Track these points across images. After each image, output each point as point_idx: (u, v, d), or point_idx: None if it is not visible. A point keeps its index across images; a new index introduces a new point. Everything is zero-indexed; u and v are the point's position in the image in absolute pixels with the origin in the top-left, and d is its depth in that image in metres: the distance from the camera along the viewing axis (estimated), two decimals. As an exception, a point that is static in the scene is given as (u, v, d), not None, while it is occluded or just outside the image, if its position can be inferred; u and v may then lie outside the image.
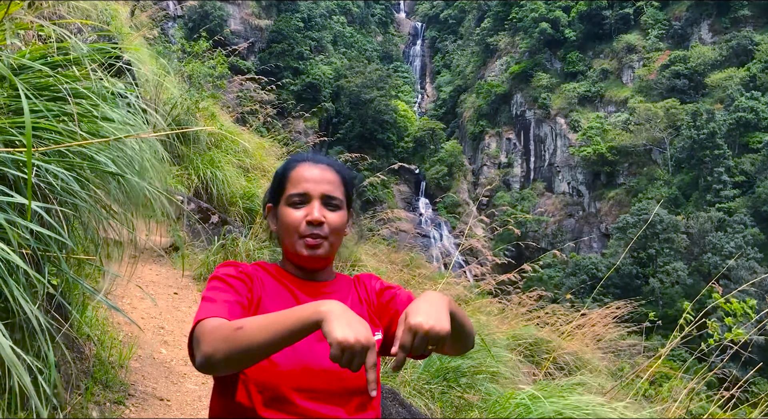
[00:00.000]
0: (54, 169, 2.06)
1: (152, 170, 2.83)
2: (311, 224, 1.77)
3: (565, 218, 72.93)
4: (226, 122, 11.84)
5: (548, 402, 3.47)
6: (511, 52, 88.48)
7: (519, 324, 9.60)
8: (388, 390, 3.48)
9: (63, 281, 2.73)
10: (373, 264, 10.39)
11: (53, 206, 2.15)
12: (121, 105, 2.58)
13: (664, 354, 5.58)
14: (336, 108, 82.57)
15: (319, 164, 1.88)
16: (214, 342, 1.50)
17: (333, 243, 1.82)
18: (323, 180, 1.83)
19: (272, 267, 1.89)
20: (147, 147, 2.65)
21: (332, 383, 1.69)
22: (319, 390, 1.67)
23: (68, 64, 2.39)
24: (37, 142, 2.19)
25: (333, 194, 1.83)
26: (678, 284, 51.75)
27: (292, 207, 1.81)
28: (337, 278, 1.94)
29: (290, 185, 1.84)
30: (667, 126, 67.65)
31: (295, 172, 1.86)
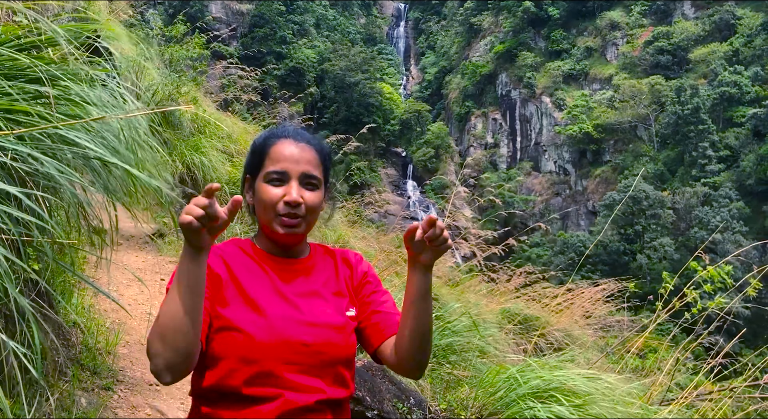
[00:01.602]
0: (31, 153, 2.03)
1: (135, 154, 2.80)
2: (289, 204, 1.78)
3: (552, 197, 73.21)
4: (210, 108, 11.75)
5: (535, 375, 3.50)
6: (495, 32, 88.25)
7: (508, 302, 9.65)
8: (377, 367, 3.49)
9: (46, 268, 2.71)
10: (361, 246, 10.40)
11: (32, 191, 2.12)
12: (100, 88, 2.55)
13: (651, 327, 5.63)
14: (321, 92, 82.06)
15: (300, 142, 1.87)
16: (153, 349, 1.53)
17: (310, 222, 1.83)
18: (303, 159, 1.83)
19: (246, 243, 1.90)
20: (129, 130, 2.62)
21: (310, 356, 1.71)
22: (298, 363, 1.70)
23: (42, 45, 2.35)
24: (13, 125, 2.15)
25: (312, 173, 1.83)
26: (665, 260, 52.17)
27: (271, 184, 1.81)
28: (312, 252, 1.94)
29: (269, 162, 1.83)
30: (652, 102, 67.90)
31: (275, 148, 1.85)
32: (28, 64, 2.32)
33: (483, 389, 3.72)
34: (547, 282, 11.25)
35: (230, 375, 1.66)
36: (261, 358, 1.67)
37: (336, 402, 1.77)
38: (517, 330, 8.57)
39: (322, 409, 1.71)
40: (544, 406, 3.35)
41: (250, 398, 1.66)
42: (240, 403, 1.67)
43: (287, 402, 1.66)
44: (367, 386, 3.24)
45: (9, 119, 2.26)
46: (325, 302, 1.83)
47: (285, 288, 1.79)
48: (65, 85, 2.24)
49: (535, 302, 9.98)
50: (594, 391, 3.49)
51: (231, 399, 1.67)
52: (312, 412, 1.69)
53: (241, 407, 1.66)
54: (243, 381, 1.66)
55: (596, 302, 9.94)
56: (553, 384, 3.47)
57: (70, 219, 2.46)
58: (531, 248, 61.31)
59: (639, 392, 4.57)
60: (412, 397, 3.42)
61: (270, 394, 1.66)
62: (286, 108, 68.90)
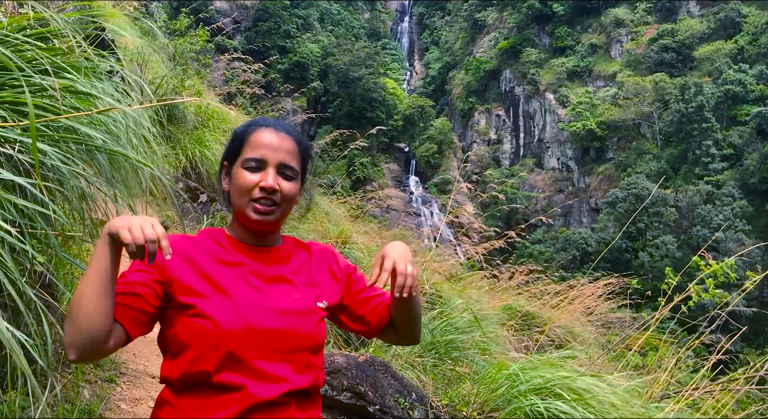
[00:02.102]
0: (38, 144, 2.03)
1: (140, 146, 2.80)
2: (264, 190, 1.79)
3: (555, 194, 73.08)
4: (213, 102, 11.74)
5: (537, 373, 3.51)
6: (500, 28, 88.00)
7: (510, 298, 9.65)
8: (380, 362, 3.50)
9: (50, 259, 2.71)
10: (363, 241, 10.39)
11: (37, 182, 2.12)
12: (106, 80, 2.54)
13: (654, 325, 5.63)
14: (324, 87, 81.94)
15: (279, 132, 1.88)
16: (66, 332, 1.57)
17: (284, 211, 1.85)
18: (281, 148, 1.85)
19: (218, 233, 1.91)
20: (133, 123, 2.62)
21: (277, 342, 1.74)
22: (265, 349, 1.72)
23: (49, 36, 2.35)
24: (19, 117, 2.15)
25: (289, 164, 1.85)
26: (667, 258, 52.09)
27: (248, 171, 1.82)
28: (285, 243, 1.97)
29: (248, 148, 1.84)
30: (656, 100, 67.68)
31: (254, 136, 1.86)
32: (33, 56, 2.32)
33: (485, 385, 3.72)
34: (549, 279, 11.25)
35: (198, 361, 1.68)
36: (227, 344, 1.68)
37: (301, 393, 1.77)
38: (518, 326, 8.58)
39: (285, 402, 1.72)
40: (545, 402, 3.36)
41: (215, 386, 1.67)
42: (203, 395, 1.68)
43: (249, 397, 1.67)
44: (370, 381, 3.25)
45: (15, 111, 2.26)
46: (295, 290, 1.85)
47: (255, 276, 1.81)
48: (71, 77, 2.24)
49: (536, 299, 9.98)
50: (595, 389, 3.49)
51: (198, 387, 1.69)
52: (276, 406, 1.70)
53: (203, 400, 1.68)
54: (212, 368, 1.67)
55: (598, 299, 9.94)
56: (555, 382, 3.48)
57: (74, 211, 2.47)
58: (533, 244, 61.28)
59: (640, 390, 4.58)
60: (414, 393, 3.43)
61: (235, 383, 1.67)
62: (290, 102, 68.89)
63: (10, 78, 2.30)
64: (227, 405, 1.66)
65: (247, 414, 1.66)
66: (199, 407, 1.67)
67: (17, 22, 2.35)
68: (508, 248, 9.28)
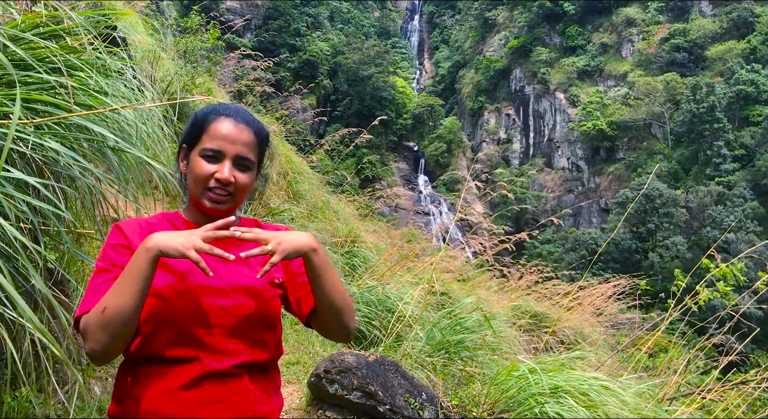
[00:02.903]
0: (48, 143, 2.03)
1: (152, 145, 2.80)
2: (219, 181, 1.84)
3: (565, 194, 72.84)
4: (224, 100, 11.74)
5: (547, 376, 3.49)
6: (510, 27, 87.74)
7: (519, 298, 9.62)
8: (390, 362, 3.48)
9: (63, 256, 2.72)
10: (372, 240, 10.38)
11: (49, 181, 2.12)
12: (118, 79, 2.54)
13: (663, 326, 5.60)
14: (334, 85, 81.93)
15: (239, 124, 1.90)
16: (93, 336, 1.63)
17: (237, 200, 1.90)
18: (239, 141, 1.87)
19: (174, 216, 1.96)
20: (144, 120, 2.62)
21: (228, 319, 1.78)
22: (216, 326, 1.76)
23: (62, 34, 2.34)
24: (31, 115, 2.15)
25: (246, 156, 1.88)
26: (677, 259, 51.84)
27: (205, 160, 1.86)
28: (241, 223, 2.00)
29: (207, 138, 1.87)
30: (667, 100, 67.33)
31: (214, 125, 1.88)
32: (46, 54, 2.32)
33: (495, 386, 3.71)
34: (558, 279, 11.22)
35: (152, 339, 1.74)
36: (180, 322, 1.73)
37: (255, 366, 1.81)
38: (527, 326, 8.55)
39: (238, 373, 1.77)
40: (556, 404, 3.34)
41: (170, 359, 1.73)
42: (159, 366, 1.73)
43: (204, 366, 1.72)
44: (380, 381, 3.24)
45: (27, 109, 2.26)
46: (249, 268, 1.89)
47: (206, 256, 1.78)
48: (85, 75, 2.24)
49: (546, 300, 9.94)
50: (605, 391, 3.47)
51: (153, 361, 1.74)
52: (228, 376, 1.74)
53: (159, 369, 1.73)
54: (165, 343, 1.73)
55: (607, 300, 9.90)
56: (565, 386, 3.46)
57: (86, 209, 2.47)
58: (542, 244, 61.11)
59: (651, 392, 4.55)
60: (425, 393, 3.41)
61: (189, 355, 1.72)
62: (299, 100, 68.99)
63: (24, 75, 2.30)
64: (181, 374, 1.71)
65: (199, 381, 1.71)
66: (155, 375, 1.73)
67: (31, 19, 2.35)
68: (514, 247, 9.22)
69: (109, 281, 1.72)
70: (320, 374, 3.28)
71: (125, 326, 1.62)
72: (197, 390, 1.71)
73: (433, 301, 7.14)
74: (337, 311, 1.87)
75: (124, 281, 1.63)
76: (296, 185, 10.36)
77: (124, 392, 1.77)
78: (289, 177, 10.52)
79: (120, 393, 1.79)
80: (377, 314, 4.78)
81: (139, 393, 1.73)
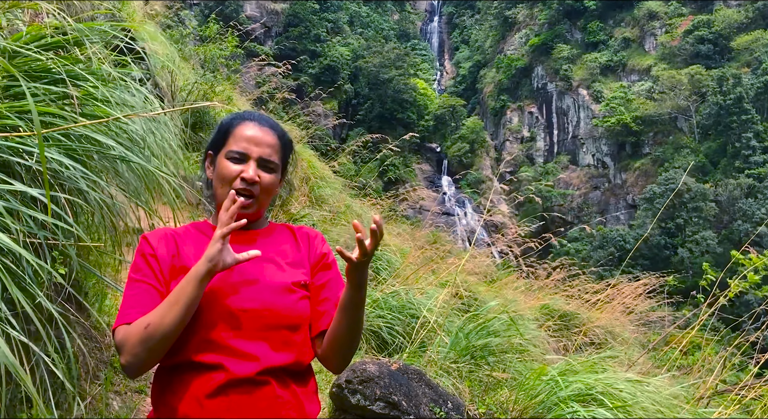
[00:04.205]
0: (54, 155, 1.98)
1: (163, 154, 2.75)
2: (245, 180, 1.87)
3: (591, 191, 72.10)
4: (244, 107, 11.76)
5: (578, 378, 3.37)
6: (530, 25, 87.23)
7: (546, 298, 9.49)
8: (414, 370, 3.39)
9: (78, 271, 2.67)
10: (396, 243, 10.31)
11: (58, 193, 2.07)
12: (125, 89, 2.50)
13: (697, 323, 5.46)
14: (355, 89, 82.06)
15: (263, 127, 1.96)
16: (132, 349, 1.67)
17: (262, 202, 1.93)
18: (264, 143, 1.93)
19: (203, 224, 2.00)
20: (155, 130, 2.57)
21: (251, 321, 1.78)
22: (240, 328, 1.77)
23: (66, 45, 2.31)
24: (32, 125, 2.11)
25: (270, 158, 1.93)
26: (708, 253, 50.98)
27: (231, 162, 1.90)
28: (271, 226, 2.04)
29: (232, 141, 1.93)
30: (692, 93, 66.35)
31: (239, 129, 1.94)
32: (51, 65, 2.28)
33: (523, 392, 3.60)
34: (586, 278, 11.05)
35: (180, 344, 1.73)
36: (204, 325, 1.75)
37: (280, 370, 1.79)
38: (556, 327, 8.42)
39: (264, 380, 1.75)
40: (588, 410, 3.22)
41: (197, 365, 1.73)
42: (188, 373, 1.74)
43: (228, 374, 1.72)
44: (403, 390, 3.15)
45: (32, 121, 2.21)
46: (277, 268, 1.90)
47: None
48: (91, 86, 2.20)
49: (574, 299, 9.80)
50: (639, 394, 3.34)
51: (182, 368, 1.75)
52: (253, 384, 1.74)
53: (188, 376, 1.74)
54: (192, 348, 1.74)
55: (637, 298, 9.72)
56: (597, 388, 3.33)
57: (96, 221, 2.42)
58: (570, 243, 60.54)
59: (686, 393, 4.40)
60: (450, 401, 3.31)
61: (213, 362, 1.72)
62: (321, 106, 69.22)
63: (31, 86, 2.26)
64: (206, 383, 1.72)
65: (224, 389, 1.71)
66: (184, 383, 1.74)
67: (36, 30, 2.32)
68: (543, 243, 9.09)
69: (142, 291, 1.78)
70: (342, 384, 3.20)
71: (165, 344, 1.68)
72: (223, 398, 1.71)
73: (459, 304, 7.04)
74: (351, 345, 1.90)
75: (172, 299, 1.69)
76: (318, 189, 10.34)
77: (160, 400, 1.80)
78: (312, 182, 10.51)
79: (156, 401, 1.81)
80: (400, 320, 4.70)
81: (172, 401, 1.75)
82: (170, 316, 1.66)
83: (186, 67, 10.68)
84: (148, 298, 1.76)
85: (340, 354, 1.91)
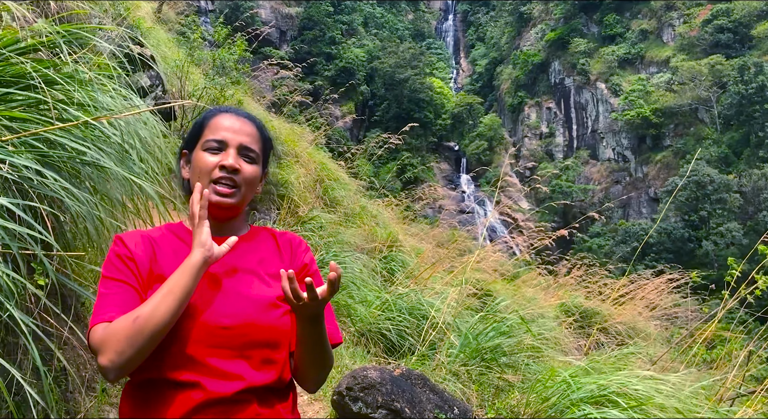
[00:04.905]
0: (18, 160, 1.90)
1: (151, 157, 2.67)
2: (225, 168, 1.75)
3: (612, 185, 71.38)
4: (258, 110, 11.74)
5: (591, 379, 3.23)
6: (546, 20, 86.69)
7: (566, 295, 9.36)
8: (418, 375, 3.28)
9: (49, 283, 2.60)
10: (412, 243, 10.22)
11: (30, 202, 1.99)
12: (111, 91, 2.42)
13: (719, 315, 5.30)
14: (371, 90, 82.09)
15: (240, 117, 1.86)
16: (117, 346, 1.52)
17: (245, 194, 1.80)
18: (242, 131, 1.82)
19: (178, 226, 1.86)
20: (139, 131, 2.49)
21: (232, 339, 1.66)
22: (219, 346, 1.65)
23: (44, 48, 2.23)
24: (9, 132, 2.03)
25: (250, 146, 1.82)
26: (733, 246, 50.20)
27: (208, 152, 1.79)
28: (251, 231, 1.91)
29: (208, 131, 1.82)
30: (713, 83, 65.44)
31: (214, 120, 1.84)
32: (28, 69, 2.20)
33: (535, 394, 3.47)
34: (607, 273, 10.89)
35: (153, 359, 1.60)
36: (181, 343, 1.62)
37: (262, 389, 1.68)
38: (576, 324, 8.28)
39: (245, 399, 1.64)
40: (600, 412, 3.08)
41: (172, 383, 1.61)
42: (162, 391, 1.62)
43: (206, 393, 1.60)
44: (406, 396, 3.03)
45: (6, 127, 2.14)
46: (259, 281, 1.78)
47: (212, 267, 1.72)
48: (62, 90, 2.12)
49: (596, 295, 9.66)
50: (656, 394, 3.20)
51: (155, 385, 1.63)
52: (233, 403, 1.63)
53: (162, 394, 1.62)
54: (166, 365, 1.61)
55: (661, 293, 9.55)
56: (611, 388, 3.20)
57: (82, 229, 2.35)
58: (592, 238, 59.99)
59: (707, 391, 4.24)
60: (456, 407, 3.19)
61: (190, 380, 1.60)
62: (338, 108, 69.35)
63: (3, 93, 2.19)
64: (183, 401, 1.60)
65: (201, 410, 1.60)
66: (158, 402, 1.62)
67: (10, 34, 2.24)
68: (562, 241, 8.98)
69: (122, 291, 1.65)
70: (342, 391, 3.09)
71: (154, 341, 1.54)
72: (200, 418, 1.60)
73: (473, 303, 6.92)
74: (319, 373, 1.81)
75: (165, 290, 1.57)
76: (332, 191, 10.27)
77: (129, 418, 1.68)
78: (325, 184, 10.45)
79: None
80: (409, 321, 4.59)
81: None
82: (162, 308, 1.54)
83: (197, 72, 10.68)
84: (128, 297, 1.64)
85: (309, 378, 1.81)
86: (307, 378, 1.81)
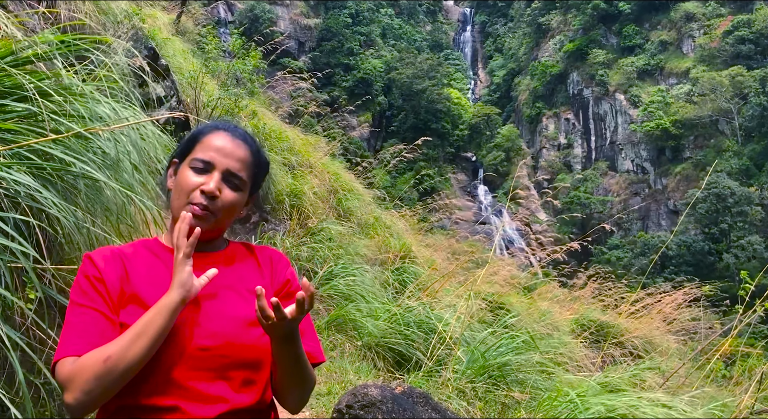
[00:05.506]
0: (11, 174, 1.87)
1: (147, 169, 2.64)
2: (204, 193, 1.68)
3: (631, 197, 70.78)
4: (271, 121, 11.76)
5: (600, 400, 3.14)
6: (564, 31, 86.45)
7: (582, 308, 9.25)
8: (420, 393, 3.21)
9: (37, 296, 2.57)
10: (426, 254, 10.15)
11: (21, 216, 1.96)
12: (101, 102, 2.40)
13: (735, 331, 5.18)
14: (388, 101, 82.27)
15: (235, 139, 1.78)
16: (84, 386, 1.46)
17: (221, 220, 1.73)
18: (232, 155, 1.75)
19: (153, 242, 1.79)
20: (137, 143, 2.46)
21: (211, 360, 1.60)
22: (199, 368, 1.59)
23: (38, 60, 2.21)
24: (1, 143, 2.01)
25: (237, 173, 1.74)
26: (755, 259, 49.51)
27: (193, 171, 1.72)
28: (230, 247, 1.84)
29: (199, 149, 1.75)
30: (734, 95, 64.82)
31: (208, 137, 1.77)
32: (22, 81, 2.18)
33: (542, 413, 3.39)
34: (626, 286, 10.75)
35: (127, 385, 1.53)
36: (158, 366, 1.56)
37: (244, 411, 1.63)
38: (593, 338, 8.16)
39: None
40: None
41: (148, 408, 1.55)
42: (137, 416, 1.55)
43: (186, 416, 1.55)
44: (407, 415, 2.96)
45: (2, 139, 2.11)
46: (239, 298, 1.71)
47: None
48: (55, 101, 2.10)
49: (611, 309, 9.53)
50: (664, 417, 3.10)
51: (128, 412, 1.57)
52: None
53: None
54: (141, 391, 1.56)
55: (678, 307, 9.40)
56: (620, 410, 3.10)
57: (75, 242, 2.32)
58: (610, 250, 59.49)
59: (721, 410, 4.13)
60: (459, 426, 3.12)
61: (167, 404, 1.55)
62: (355, 118, 69.54)
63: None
64: None
65: None
66: None
67: (6, 45, 2.23)
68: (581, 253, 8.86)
69: (90, 320, 1.57)
70: (342, 409, 3.02)
71: (123, 381, 1.49)
72: None
73: (485, 316, 6.83)
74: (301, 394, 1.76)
75: (138, 330, 1.51)
76: (346, 202, 10.24)
77: None
78: (339, 194, 10.42)
79: None
80: (417, 335, 4.52)
81: None
82: (135, 349, 1.48)
83: (212, 83, 10.72)
84: (96, 328, 1.56)
85: (289, 398, 1.76)
86: (286, 398, 1.75)
